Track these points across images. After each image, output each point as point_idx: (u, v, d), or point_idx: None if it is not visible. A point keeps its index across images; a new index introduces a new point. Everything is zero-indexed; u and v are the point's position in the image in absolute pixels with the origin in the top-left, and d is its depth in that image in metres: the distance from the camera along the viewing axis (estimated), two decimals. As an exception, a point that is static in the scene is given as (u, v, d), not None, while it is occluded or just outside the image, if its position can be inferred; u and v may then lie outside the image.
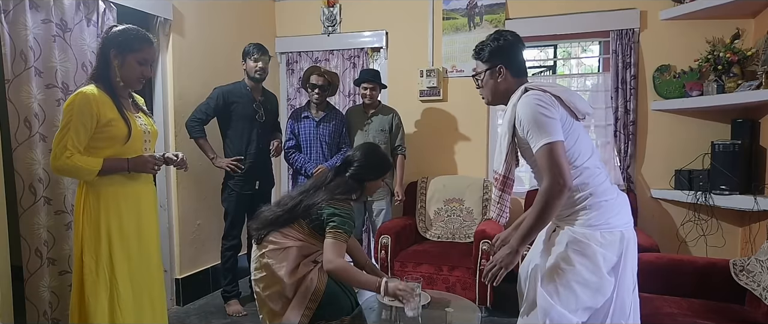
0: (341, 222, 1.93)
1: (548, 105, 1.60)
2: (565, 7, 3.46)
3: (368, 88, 3.41)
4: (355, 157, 2.12)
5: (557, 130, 1.58)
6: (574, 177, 1.61)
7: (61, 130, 1.83)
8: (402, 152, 3.51)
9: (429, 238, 3.54)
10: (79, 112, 1.82)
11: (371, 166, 2.12)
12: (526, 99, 1.64)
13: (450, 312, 2.00)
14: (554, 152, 1.54)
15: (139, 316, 1.99)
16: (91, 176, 1.86)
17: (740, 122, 3.00)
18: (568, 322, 1.58)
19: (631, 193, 3.31)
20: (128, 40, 1.92)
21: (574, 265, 1.59)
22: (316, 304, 1.95)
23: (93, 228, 1.89)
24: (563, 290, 1.59)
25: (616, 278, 1.61)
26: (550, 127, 1.57)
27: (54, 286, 2.39)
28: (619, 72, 3.33)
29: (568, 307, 1.59)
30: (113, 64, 1.92)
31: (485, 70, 1.79)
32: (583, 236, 1.60)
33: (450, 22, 3.79)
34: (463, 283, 3.00)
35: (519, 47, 1.80)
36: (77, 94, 1.85)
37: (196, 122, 3.01)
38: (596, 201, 1.62)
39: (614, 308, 1.63)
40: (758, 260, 2.17)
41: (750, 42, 3.07)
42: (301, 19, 4.17)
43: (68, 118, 1.82)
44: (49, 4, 2.31)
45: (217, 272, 3.46)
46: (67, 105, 1.84)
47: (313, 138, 3.37)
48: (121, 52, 1.91)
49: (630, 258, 1.65)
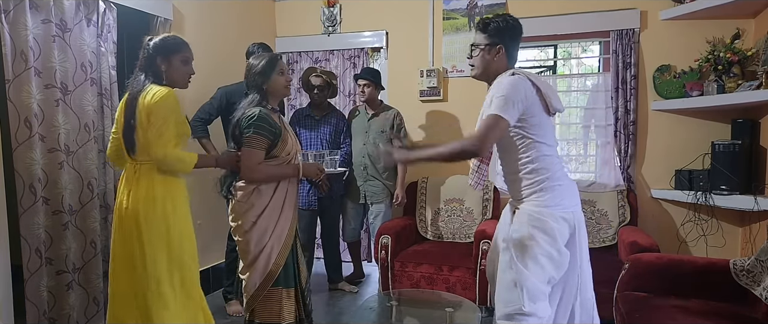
0: (253, 128, 2.07)
1: (521, 91, 1.74)
2: (565, 7, 3.46)
3: (362, 85, 3.42)
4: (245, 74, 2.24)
5: (513, 114, 1.72)
6: (537, 161, 1.80)
7: (163, 125, 1.91)
8: (402, 152, 3.50)
9: (429, 238, 3.54)
10: (174, 107, 1.95)
11: (251, 69, 2.19)
12: (509, 78, 1.78)
13: (450, 312, 2.00)
14: (496, 126, 1.70)
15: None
16: (188, 168, 2.01)
17: (740, 122, 3.00)
18: (541, 292, 1.76)
19: (631, 193, 3.31)
20: (168, 44, 2.05)
21: (538, 240, 1.76)
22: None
23: (184, 222, 2.03)
24: (531, 264, 1.75)
25: (573, 253, 1.81)
26: (509, 106, 1.71)
27: (51, 285, 2.39)
28: (620, 72, 3.33)
29: (538, 277, 1.75)
30: (161, 69, 2.02)
31: (485, 45, 1.87)
32: (540, 214, 1.78)
33: (450, 22, 3.79)
34: (464, 283, 3.00)
35: (520, 37, 1.90)
36: (168, 93, 1.95)
37: (200, 122, 3.00)
38: (551, 184, 1.80)
39: (581, 280, 1.85)
40: (758, 260, 2.16)
41: (750, 42, 3.07)
42: (301, 19, 4.17)
43: (166, 113, 1.92)
44: (49, 5, 2.31)
45: (217, 272, 3.45)
46: (161, 102, 1.92)
47: (314, 137, 3.37)
48: (166, 55, 2.03)
49: (583, 236, 1.86)
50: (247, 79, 2.21)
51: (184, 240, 2.02)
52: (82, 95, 2.49)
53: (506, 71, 1.85)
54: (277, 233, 2.14)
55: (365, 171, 3.46)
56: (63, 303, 2.42)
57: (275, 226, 2.14)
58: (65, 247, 2.41)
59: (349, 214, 3.58)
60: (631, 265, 2.44)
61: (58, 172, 2.38)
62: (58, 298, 2.42)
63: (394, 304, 2.47)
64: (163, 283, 1.94)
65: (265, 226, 2.12)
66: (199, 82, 3.30)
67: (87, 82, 2.51)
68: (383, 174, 3.47)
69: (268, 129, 2.10)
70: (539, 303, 1.75)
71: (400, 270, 3.14)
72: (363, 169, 3.46)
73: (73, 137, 2.46)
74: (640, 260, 2.45)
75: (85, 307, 2.53)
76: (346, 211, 3.58)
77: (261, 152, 2.10)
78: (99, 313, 2.58)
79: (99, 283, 2.58)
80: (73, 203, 2.46)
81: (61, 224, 2.41)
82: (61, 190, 2.39)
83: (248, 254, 2.13)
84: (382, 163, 1.83)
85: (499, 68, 1.87)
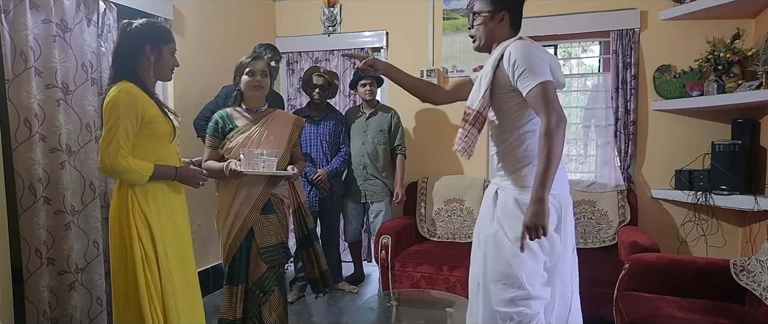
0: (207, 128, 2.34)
1: (542, 51, 1.68)
2: (566, 7, 3.46)
3: (367, 84, 3.42)
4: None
5: (548, 72, 1.64)
6: (534, 136, 1.70)
7: (111, 129, 1.75)
8: (402, 152, 3.51)
9: (429, 238, 3.54)
10: (125, 109, 1.76)
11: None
12: (521, 42, 1.70)
13: (450, 312, 2.00)
14: (550, 90, 1.61)
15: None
16: (142, 180, 1.82)
17: (740, 122, 3.00)
18: (540, 274, 1.71)
19: (631, 193, 3.31)
20: (159, 32, 1.90)
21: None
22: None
23: (144, 225, 1.85)
24: (526, 250, 1.67)
25: (561, 237, 1.74)
26: (542, 68, 1.63)
27: (53, 286, 2.39)
28: (620, 72, 3.33)
29: (535, 261, 1.69)
30: (149, 58, 1.87)
31: (488, 11, 1.77)
32: (527, 199, 1.65)
33: (450, 22, 3.79)
34: (464, 283, 2.99)
35: (522, 6, 1.82)
36: (119, 92, 1.77)
37: (204, 121, 3.00)
38: None
39: (565, 266, 1.78)
40: (758, 260, 2.17)
41: (750, 42, 3.07)
42: (302, 19, 4.17)
43: (116, 116, 1.75)
44: (50, 4, 2.31)
45: (216, 272, 3.45)
46: (110, 103, 1.77)
47: (314, 138, 3.38)
48: (157, 45, 1.87)
49: (569, 221, 1.79)
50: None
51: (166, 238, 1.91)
52: (83, 95, 2.49)
53: (510, 38, 1.75)
54: (226, 229, 2.33)
55: (365, 170, 3.47)
56: (65, 303, 2.42)
57: (224, 222, 2.33)
58: (67, 247, 2.41)
59: (350, 214, 3.58)
60: (632, 265, 2.44)
61: (60, 172, 2.38)
62: (60, 299, 2.42)
63: (394, 304, 2.47)
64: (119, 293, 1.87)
65: (219, 220, 2.37)
66: (199, 82, 3.32)
67: (88, 81, 2.51)
68: (382, 173, 3.48)
69: (216, 128, 2.35)
70: (538, 286, 1.70)
71: (400, 270, 3.14)
72: (362, 169, 3.47)
73: (75, 137, 2.46)
74: (640, 260, 2.45)
75: (87, 308, 2.53)
76: (347, 211, 3.59)
77: (208, 150, 2.38)
78: (102, 313, 2.58)
79: (101, 283, 2.58)
80: (75, 203, 2.47)
81: (63, 224, 2.41)
82: (62, 190, 2.39)
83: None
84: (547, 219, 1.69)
85: (502, 36, 1.78)
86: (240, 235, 2.30)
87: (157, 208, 1.89)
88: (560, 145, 1.59)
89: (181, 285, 1.96)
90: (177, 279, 1.93)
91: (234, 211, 2.29)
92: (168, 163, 1.93)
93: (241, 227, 2.30)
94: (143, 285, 1.82)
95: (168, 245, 1.92)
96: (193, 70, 3.31)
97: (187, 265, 2.04)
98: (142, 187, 1.85)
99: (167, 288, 1.88)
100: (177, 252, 1.97)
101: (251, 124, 2.33)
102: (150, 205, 1.87)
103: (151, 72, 1.89)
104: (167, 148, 1.93)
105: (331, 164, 3.37)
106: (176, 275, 1.93)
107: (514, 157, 1.75)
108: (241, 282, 2.32)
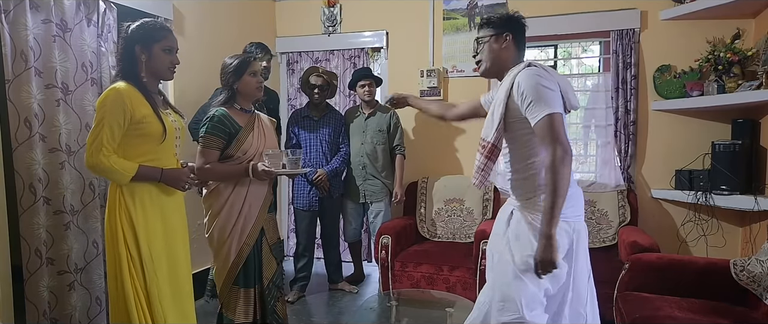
0: (206, 128, 2.14)
1: (551, 80, 1.65)
2: (566, 7, 3.46)
3: (366, 85, 3.42)
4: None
5: (558, 102, 1.63)
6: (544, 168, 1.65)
7: (96, 127, 1.78)
8: (401, 152, 3.51)
9: (429, 238, 3.54)
10: (111, 108, 1.77)
11: (225, 68, 2.25)
12: (530, 70, 1.67)
13: (450, 312, 2.00)
14: (556, 122, 1.59)
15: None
16: (124, 180, 1.82)
17: (741, 122, 3.00)
18: (539, 301, 1.68)
19: (631, 193, 3.31)
20: (149, 31, 1.89)
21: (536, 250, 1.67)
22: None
23: (129, 226, 1.86)
24: (529, 273, 1.66)
25: (570, 266, 1.71)
26: (551, 98, 1.61)
27: (52, 286, 2.39)
28: (620, 72, 3.33)
29: (536, 287, 1.68)
30: (141, 59, 1.88)
31: (491, 35, 1.79)
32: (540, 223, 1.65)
33: (450, 22, 3.79)
34: (464, 283, 3.00)
35: (524, 30, 1.83)
36: (110, 91, 1.80)
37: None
38: None
39: (572, 296, 1.74)
40: (759, 260, 2.17)
41: (750, 42, 3.07)
42: (302, 19, 4.17)
43: (102, 115, 1.78)
44: (50, 5, 2.31)
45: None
46: (100, 102, 1.80)
47: (313, 138, 3.38)
48: (146, 45, 1.88)
49: (582, 248, 1.75)
50: (220, 77, 2.28)
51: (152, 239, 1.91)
52: (83, 95, 2.49)
53: (517, 63, 1.75)
54: (236, 233, 2.21)
55: (364, 170, 3.47)
56: (65, 303, 2.42)
57: (234, 225, 2.21)
58: (67, 247, 2.41)
59: (350, 214, 3.58)
60: (632, 265, 2.44)
61: (60, 172, 2.38)
62: (59, 299, 2.42)
63: (394, 304, 2.47)
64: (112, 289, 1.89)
65: (222, 225, 2.21)
66: (199, 82, 3.32)
67: (88, 82, 2.51)
68: (382, 173, 3.48)
69: (222, 129, 2.18)
70: (536, 312, 1.68)
71: (400, 270, 3.14)
72: (362, 169, 3.47)
73: (74, 137, 2.46)
74: (640, 260, 2.45)
75: (87, 308, 2.53)
76: (347, 211, 3.59)
77: (213, 152, 2.18)
78: (101, 313, 2.58)
79: (101, 283, 2.58)
80: (75, 203, 2.47)
81: (63, 224, 2.41)
82: (62, 190, 2.39)
83: (213, 252, 2.27)
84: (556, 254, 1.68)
85: (508, 58, 1.78)
86: (253, 235, 2.25)
87: (143, 209, 1.89)
88: (566, 179, 1.58)
89: (168, 286, 1.96)
90: (164, 280, 1.94)
91: (244, 213, 2.22)
92: (162, 164, 1.93)
93: (253, 228, 2.24)
94: (129, 286, 1.84)
95: (155, 246, 1.91)
96: (193, 70, 3.31)
97: (178, 266, 2.03)
98: (130, 187, 1.86)
99: (153, 289, 1.89)
100: (166, 253, 1.97)
101: (250, 124, 2.33)
102: (136, 205, 1.87)
103: (143, 72, 1.90)
104: (161, 148, 1.92)
105: (331, 164, 3.37)
106: (163, 276, 1.94)
107: (531, 184, 1.74)
108: (256, 284, 2.28)
